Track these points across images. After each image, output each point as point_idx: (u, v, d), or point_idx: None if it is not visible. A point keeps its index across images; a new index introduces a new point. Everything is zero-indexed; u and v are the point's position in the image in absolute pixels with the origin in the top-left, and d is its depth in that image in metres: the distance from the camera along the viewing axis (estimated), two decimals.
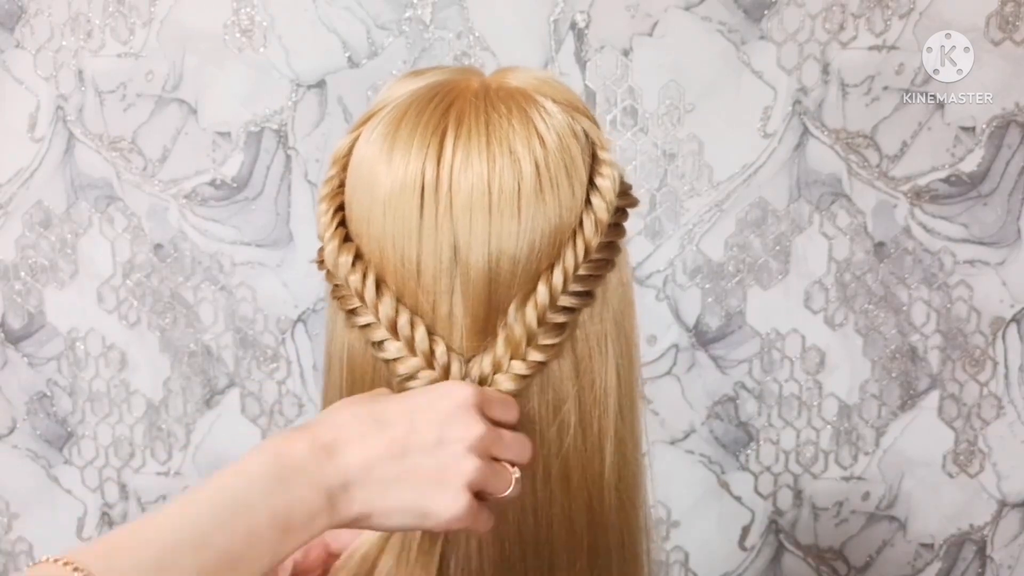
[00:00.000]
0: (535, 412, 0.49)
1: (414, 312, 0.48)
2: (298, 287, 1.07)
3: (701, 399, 1.07)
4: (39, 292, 1.10)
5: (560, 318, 0.47)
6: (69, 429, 1.12)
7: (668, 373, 1.07)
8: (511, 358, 0.47)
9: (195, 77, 1.04)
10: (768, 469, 1.09)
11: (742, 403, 1.07)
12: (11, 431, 1.13)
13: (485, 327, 0.47)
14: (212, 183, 1.06)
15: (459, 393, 0.44)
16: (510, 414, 0.46)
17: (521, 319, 0.47)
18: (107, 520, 1.14)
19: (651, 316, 1.05)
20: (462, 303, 0.47)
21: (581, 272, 0.48)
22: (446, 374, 0.47)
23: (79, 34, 1.04)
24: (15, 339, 1.11)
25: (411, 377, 0.48)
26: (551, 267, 0.47)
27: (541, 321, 0.47)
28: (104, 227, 1.08)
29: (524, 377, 0.47)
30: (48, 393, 1.12)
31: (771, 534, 1.10)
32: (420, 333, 0.47)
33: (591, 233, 0.48)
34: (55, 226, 1.08)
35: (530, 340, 0.47)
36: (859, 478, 1.08)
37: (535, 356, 0.47)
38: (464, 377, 0.47)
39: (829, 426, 1.07)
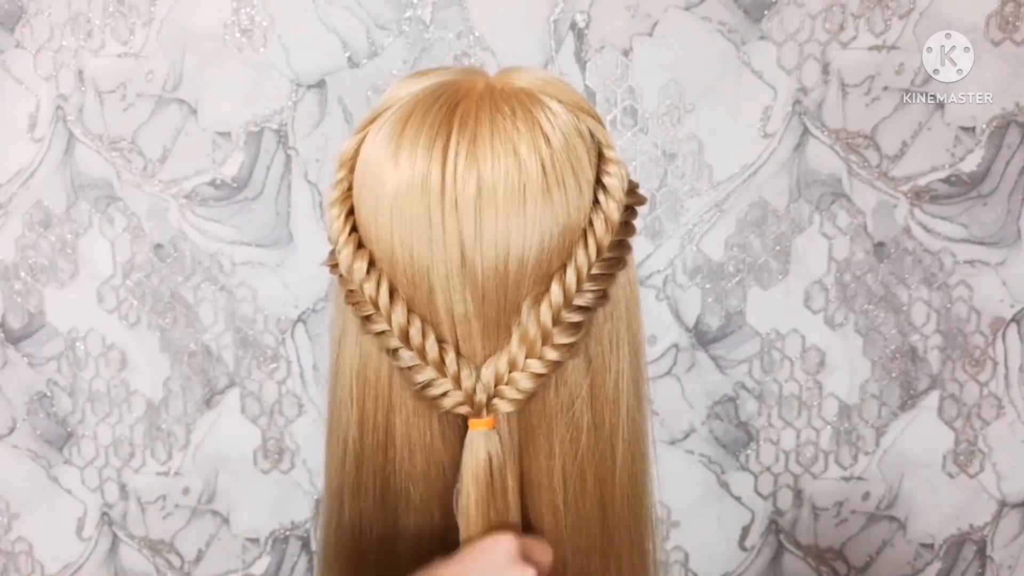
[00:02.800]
0: (551, 412, 0.49)
1: (426, 316, 0.48)
2: (298, 287, 1.07)
3: (701, 399, 1.07)
4: (39, 292, 1.10)
5: (576, 317, 0.48)
6: (69, 429, 1.12)
7: (668, 373, 1.07)
8: (527, 356, 0.47)
9: (195, 77, 1.04)
10: (768, 469, 1.09)
11: (742, 403, 1.07)
12: (11, 431, 1.13)
13: (498, 327, 0.48)
14: (212, 183, 1.06)
15: (505, 547, 0.47)
16: (546, 555, 0.49)
17: (535, 318, 0.47)
18: (107, 520, 1.14)
19: (651, 316, 1.05)
20: (472, 303, 0.47)
21: (594, 271, 0.48)
22: (457, 382, 0.47)
23: (79, 34, 1.04)
24: (15, 339, 1.11)
25: (428, 385, 0.48)
26: (563, 267, 0.47)
27: (556, 320, 0.47)
28: (104, 227, 1.08)
29: (540, 375, 0.47)
30: (48, 393, 1.12)
31: (771, 534, 1.10)
32: (430, 342, 0.47)
33: (602, 232, 0.48)
34: (55, 226, 1.08)
35: (545, 339, 0.47)
36: (859, 478, 1.08)
37: (551, 355, 0.47)
38: (475, 383, 0.48)
39: (829, 426, 1.07)
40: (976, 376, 1.06)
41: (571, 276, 0.47)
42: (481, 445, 0.48)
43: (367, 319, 0.49)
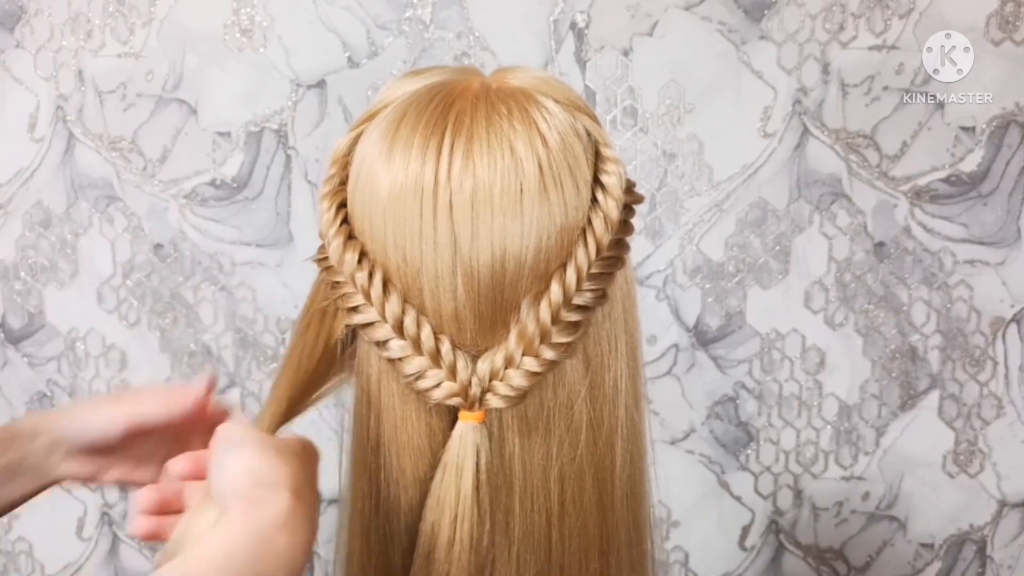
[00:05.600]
0: (549, 413, 0.49)
1: (419, 311, 0.47)
2: (298, 287, 1.07)
3: (701, 399, 1.07)
4: (39, 292, 1.10)
5: (575, 316, 0.47)
6: None
7: (668, 373, 1.07)
8: (523, 354, 0.47)
9: (195, 77, 1.04)
10: (768, 469, 1.09)
11: (742, 403, 1.07)
12: None
13: (494, 326, 0.47)
14: (212, 183, 1.06)
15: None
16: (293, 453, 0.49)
17: (534, 316, 0.46)
18: (107, 520, 1.14)
19: (651, 316, 1.05)
20: (467, 303, 0.46)
21: (594, 270, 0.47)
22: (452, 373, 0.47)
23: (79, 34, 1.04)
24: (15, 339, 1.11)
25: (419, 376, 0.47)
26: (563, 265, 0.47)
27: (555, 319, 0.47)
28: (104, 227, 1.08)
29: (536, 374, 0.47)
30: (48, 393, 1.12)
31: (771, 534, 1.10)
32: (426, 331, 0.47)
33: (602, 231, 0.48)
34: (55, 226, 1.08)
35: (543, 337, 0.47)
36: (859, 478, 1.08)
37: (548, 354, 0.47)
38: (471, 375, 0.47)
39: (829, 426, 1.07)
40: (976, 376, 1.06)
41: (571, 275, 0.47)
42: (470, 438, 0.47)
43: (353, 310, 0.48)
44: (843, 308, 1.05)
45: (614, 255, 0.49)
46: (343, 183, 0.50)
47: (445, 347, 0.47)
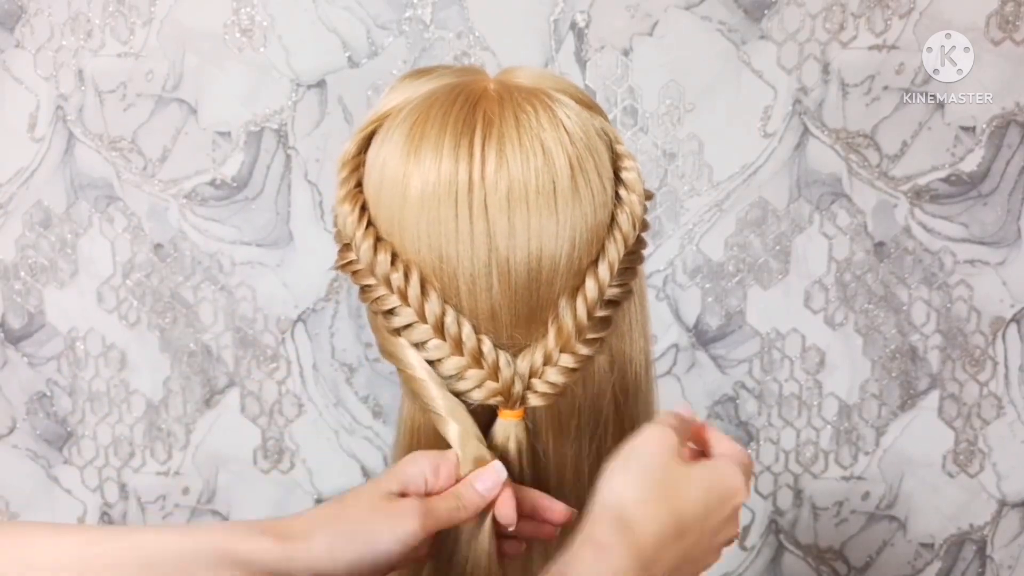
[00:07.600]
0: (580, 407, 0.49)
1: (457, 310, 0.47)
2: (298, 287, 1.07)
3: (701, 399, 1.07)
4: (39, 292, 1.10)
5: (606, 312, 0.48)
6: (69, 429, 1.12)
7: (668, 373, 1.07)
8: (561, 351, 0.47)
9: (195, 77, 1.04)
10: (768, 469, 1.09)
11: (742, 403, 1.07)
12: (11, 431, 1.13)
13: (529, 324, 0.48)
14: (212, 183, 1.06)
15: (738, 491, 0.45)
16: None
17: (571, 313, 0.47)
18: (107, 520, 1.14)
19: (651, 316, 1.05)
20: (503, 301, 0.47)
21: (622, 266, 0.48)
22: (495, 372, 0.47)
23: (79, 34, 1.04)
24: (15, 339, 1.11)
25: (459, 377, 0.47)
26: (595, 262, 0.48)
27: (590, 315, 0.47)
28: (104, 227, 1.08)
29: (573, 370, 0.48)
30: (48, 393, 1.12)
31: (771, 534, 1.10)
32: (467, 330, 0.47)
33: (628, 227, 0.48)
34: (55, 226, 1.08)
35: (579, 334, 0.47)
36: (859, 478, 1.08)
37: (583, 350, 0.48)
38: (513, 374, 0.47)
39: (829, 426, 1.07)
40: (976, 376, 1.06)
41: (604, 271, 0.47)
42: (513, 434, 0.48)
43: (390, 313, 0.48)
44: (843, 308, 1.05)
45: (636, 250, 0.49)
46: (359, 185, 0.50)
47: (487, 346, 0.47)
